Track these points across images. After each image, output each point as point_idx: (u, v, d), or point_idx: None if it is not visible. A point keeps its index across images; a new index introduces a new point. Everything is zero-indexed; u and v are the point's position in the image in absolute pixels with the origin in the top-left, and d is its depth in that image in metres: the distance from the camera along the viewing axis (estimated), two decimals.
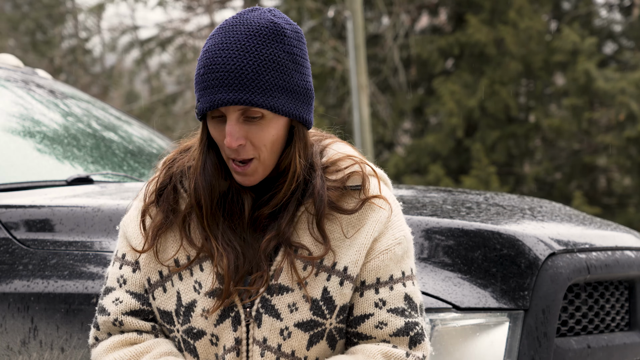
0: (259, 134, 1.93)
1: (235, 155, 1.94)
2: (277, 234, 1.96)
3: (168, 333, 2.04)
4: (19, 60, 4.10)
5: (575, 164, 15.78)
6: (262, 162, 1.95)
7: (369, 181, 2.01)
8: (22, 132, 3.51)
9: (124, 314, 2.04)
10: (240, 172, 1.95)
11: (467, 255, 2.51)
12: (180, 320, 2.00)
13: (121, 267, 2.07)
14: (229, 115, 1.92)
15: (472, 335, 2.43)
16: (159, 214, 2.03)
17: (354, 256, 1.97)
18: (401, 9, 16.94)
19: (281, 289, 1.95)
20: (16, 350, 2.59)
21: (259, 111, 1.92)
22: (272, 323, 1.95)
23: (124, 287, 2.05)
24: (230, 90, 1.90)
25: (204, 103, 1.93)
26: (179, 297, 2.00)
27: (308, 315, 1.95)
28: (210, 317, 1.96)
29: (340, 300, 1.97)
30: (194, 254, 2.00)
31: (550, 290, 2.50)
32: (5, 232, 2.77)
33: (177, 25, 20.14)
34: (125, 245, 2.08)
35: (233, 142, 1.91)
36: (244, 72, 1.90)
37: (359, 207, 1.98)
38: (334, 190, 1.98)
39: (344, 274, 1.96)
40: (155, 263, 2.03)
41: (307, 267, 1.95)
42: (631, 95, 14.20)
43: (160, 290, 2.02)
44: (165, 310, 2.02)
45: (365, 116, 13.84)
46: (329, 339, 1.98)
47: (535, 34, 15.04)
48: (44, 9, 21.59)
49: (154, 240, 2.01)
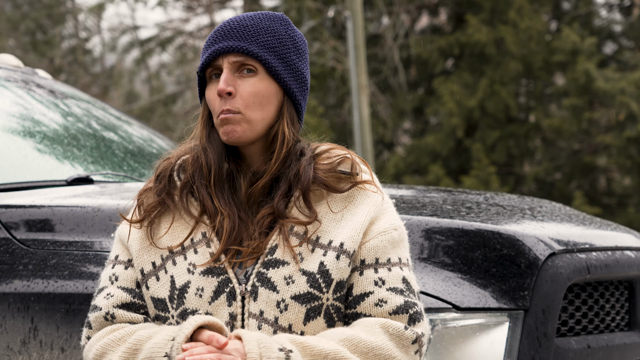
0: (249, 88, 2.01)
1: (223, 105, 2.00)
2: (271, 207, 2.00)
3: (163, 322, 2.04)
4: (19, 60, 4.10)
5: (575, 164, 15.77)
6: (247, 119, 2.00)
7: (359, 167, 2.05)
8: (22, 132, 3.51)
9: (115, 307, 2.04)
10: (225, 120, 2.00)
11: (467, 255, 2.51)
12: (175, 305, 2.00)
13: (113, 267, 2.09)
14: (225, 67, 2.01)
15: (472, 335, 2.43)
16: (152, 197, 2.07)
17: (350, 233, 1.99)
18: (401, 9, 16.94)
19: (277, 262, 1.97)
20: (16, 350, 2.59)
21: (253, 65, 2.01)
22: (269, 295, 1.95)
23: (116, 284, 2.07)
24: (229, 39, 2.01)
25: (204, 59, 2.03)
26: (172, 281, 2.01)
27: (305, 287, 1.95)
28: (204, 295, 1.97)
29: (336, 274, 1.97)
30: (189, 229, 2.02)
31: (550, 290, 2.50)
32: (5, 232, 2.77)
33: (177, 25, 20.14)
34: (118, 247, 2.10)
35: (224, 87, 1.99)
36: (245, 26, 2.02)
37: (349, 187, 2.02)
38: (324, 172, 2.03)
39: (340, 249, 1.98)
40: (149, 253, 2.04)
41: (303, 243, 1.98)
42: (631, 95, 14.18)
43: (153, 279, 2.03)
44: (158, 297, 2.02)
45: (365, 116, 13.84)
46: (326, 317, 1.98)
47: (535, 34, 15.03)
48: (44, 9, 21.58)
49: (147, 217, 2.05)
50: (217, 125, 2.03)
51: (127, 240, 2.08)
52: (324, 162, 2.05)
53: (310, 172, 2.01)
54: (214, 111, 2.03)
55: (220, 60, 2.02)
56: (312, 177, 2.01)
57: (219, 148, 2.04)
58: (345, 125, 16.80)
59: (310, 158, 2.03)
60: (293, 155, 2.04)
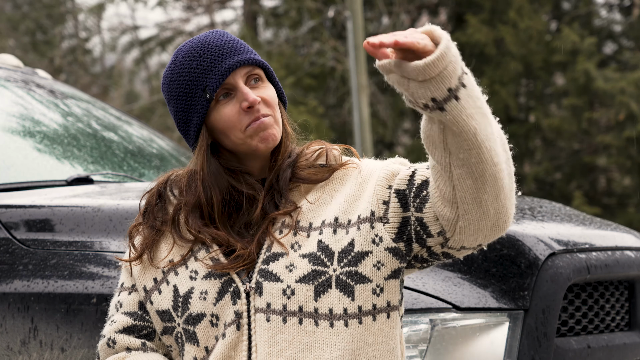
0: (267, 92, 2.02)
1: (257, 114, 1.99)
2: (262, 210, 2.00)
3: (171, 334, 2.05)
4: (19, 60, 4.10)
5: (575, 164, 15.77)
6: (276, 120, 2.01)
7: (334, 156, 2.06)
8: (22, 132, 3.51)
9: (116, 332, 2.07)
10: (262, 126, 1.99)
11: (467, 255, 2.51)
12: (179, 312, 2.01)
13: (119, 294, 2.11)
14: (238, 82, 1.99)
15: (472, 335, 2.43)
16: (145, 230, 2.07)
17: (341, 206, 1.99)
18: (401, 9, 16.94)
19: (276, 255, 1.97)
20: (16, 350, 2.59)
21: (258, 73, 2.02)
22: (273, 286, 1.95)
23: (120, 310, 2.10)
24: (231, 54, 2.00)
25: (215, 80, 1.99)
26: (175, 290, 2.02)
27: (307, 267, 1.95)
28: (208, 298, 1.97)
29: (336, 246, 1.96)
30: (188, 247, 2.02)
31: (550, 290, 2.50)
32: (5, 232, 2.77)
33: (177, 25, 20.15)
34: (125, 274, 2.12)
35: (253, 97, 1.98)
36: (228, 41, 2.02)
37: (329, 174, 2.03)
38: (303, 169, 2.04)
39: (335, 223, 1.97)
40: (150, 271, 2.06)
41: (298, 232, 1.98)
42: (631, 95, 14.19)
43: (156, 294, 2.04)
44: (162, 309, 2.03)
45: (365, 116, 13.84)
46: (340, 287, 1.94)
47: (535, 34, 15.03)
48: (44, 9, 21.59)
49: (143, 251, 2.06)
50: (248, 137, 2.00)
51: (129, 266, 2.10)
52: (302, 160, 2.06)
53: (287, 174, 2.02)
54: (235, 128, 2.00)
55: (232, 77, 2.00)
56: (289, 176, 2.02)
57: (221, 178, 2.02)
58: (345, 125, 16.80)
59: (291, 162, 2.05)
60: (287, 155, 2.06)
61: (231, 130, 2.00)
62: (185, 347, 2.01)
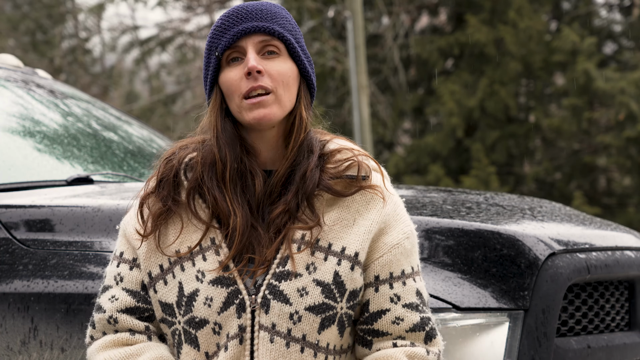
0: (276, 67, 2.00)
1: (254, 83, 1.97)
2: (285, 203, 1.98)
3: (169, 326, 2.04)
4: (19, 60, 4.10)
5: (575, 164, 15.76)
6: (279, 98, 1.99)
7: (366, 171, 2.03)
8: (22, 132, 3.51)
9: (118, 312, 2.04)
10: (257, 104, 1.97)
11: (467, 255, 2.51)
12: (182, 311, 1.99)
13: (119, 265, 2.08)
14: (249, 48, 1.99)
15: (472, 335, 2.43)
16: (157, 203, 2.04)
17: (360, 241, 1.98)
18: (401, 9, 16.93)
19: (289, 274, 1.95)
20: (16, 350, 2.59)
21: (276, 46, 2.01)
22: (281, 308, 1.94)
23: (121, 285, 2.06)
24: (252, 20, 2.00)
25: (226, 40, 2.00)
26: (180, 287, 2.00)
27: (320, 298, 1.94)
28: (213, 306, 1.96)
29: (350, 285, 1.97)
30: (198, 238, 2.00)
31: (550, 290, 2.50)
32: (5, 232, 2.77)
33: (177, 25, 20.13)
34: (124, 243, 2.08)
35: (252, 64, 1.97)
36: (262, 9, 2.02)
37: (354, 191, 2.00)
38: (331, 176, 2.01)
39: (355, 259, 1.97)
40: (156, 256, 2.03)
41: (315, 252, 1.96)
42: (631, 95, 14.18)
43: (161, 283, 2.02)
44: (166, 302, 2.01)
45: (365, 116, 13.84)
46: (339, 325, 1.98)
47: (535, 34, 15.02)
48: (44, 9, 21.57)
49: (154, 227, 2.02)
50: (243, 109, 1.99)
51: (132, 240, 2.07)
52: (332, 165, 2.02)
53: (316, 176, 1.99)
54: (235, 93, 2.00)
55: (244, 41, 2.00)
56: (317, 181, 1.99)
57: (235, 141, 2.01)
58: (345, 125, 16.79)
59: (319, 160, 2.01)
60: (305, 146, 2.02)
61: (232, 95, 2.01)
62: (183, 347, 2.00)
